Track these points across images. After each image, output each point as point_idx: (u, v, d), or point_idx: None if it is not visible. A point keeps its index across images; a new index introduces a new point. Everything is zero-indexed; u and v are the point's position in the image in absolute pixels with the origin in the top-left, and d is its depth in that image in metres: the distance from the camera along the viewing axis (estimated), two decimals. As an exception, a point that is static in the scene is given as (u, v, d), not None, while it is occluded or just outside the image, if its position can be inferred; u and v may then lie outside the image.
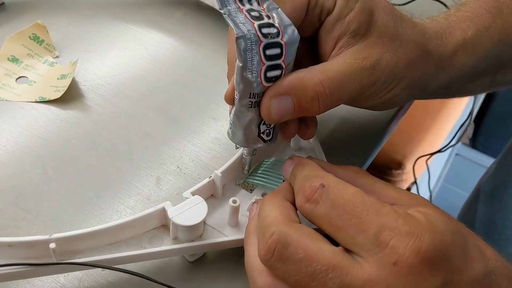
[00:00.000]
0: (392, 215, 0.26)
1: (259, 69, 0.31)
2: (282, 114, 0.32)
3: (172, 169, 0.41)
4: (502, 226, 0.40)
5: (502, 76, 0.43)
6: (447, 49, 0.38)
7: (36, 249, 0.31)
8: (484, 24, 0.39)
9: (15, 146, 0.41)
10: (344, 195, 0.27)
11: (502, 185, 0.42)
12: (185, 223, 0.32)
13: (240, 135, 0.34)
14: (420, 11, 0.59)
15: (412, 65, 0.35)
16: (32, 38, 0.49)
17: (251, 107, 0.32)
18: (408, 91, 0.37)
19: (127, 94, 0.47)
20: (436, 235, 0.25)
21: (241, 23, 0.30)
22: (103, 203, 0.38)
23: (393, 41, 0.35)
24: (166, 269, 0.35)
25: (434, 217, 0.26)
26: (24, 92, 0.46)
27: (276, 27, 0.31)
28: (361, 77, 0.33)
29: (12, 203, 0.38)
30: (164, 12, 0.56)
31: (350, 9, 0.34)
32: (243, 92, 0.32)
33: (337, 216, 0.26)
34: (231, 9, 0.31)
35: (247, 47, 0.30)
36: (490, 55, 0.39)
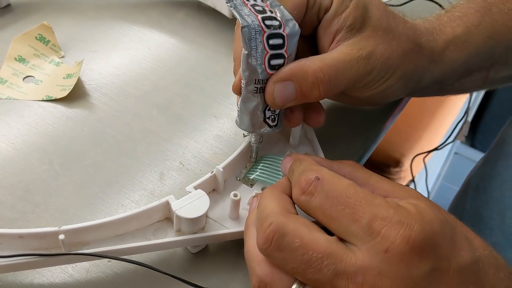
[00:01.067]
0: (384, 206, 0.27)
1: (263, 56, 0.33)
2: (285, 99, 0.35)
3: (175, 165, 0.43)
4: (487, 217, 0.41)
5: (495, 72, 0.44)
6: (438, 44, 0.40)
7: (46, 241, 0.33)
8: (473, 22, 0.41)
9: (23, 143, 0.43)
10: (338, 187, 0.28)
11: (488, 178, 0.44)
12: (188, 216, 0.34)
13: (247, 120, 0.36)
14: (417, 12, 0.61)
15: (405, 56, 0.38)
16: (38, 38, 0.51)
17: (257, 93, 0.35)
18: (402, 82, 0.39)
19: (131, 93, 0.48)
20: (425, 225, 0.26)
21: (246, 15, 0.33)
22: (108, 198, 0.40)
23: (386, 34, 0.37)
24: (170, 260, 0.36)
25: (424, 208, 0.27)
26: (31, 91, 0.47)
27: (278, 20, 0.34)
28: (358, 66, 0.36)
29: (21, 197, 0.39)
30: (166, 13, 0.58)
31: (345, 6, 0.37)
32: (248, 78, 0.34)
33: (331, 207, 0.28)
34: (237, 3, 0.34)
35: (251, 36, 0.33)
36: (481, 51, 0.41)
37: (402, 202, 0.28)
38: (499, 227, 0.39)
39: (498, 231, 0.39)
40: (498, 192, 0.41)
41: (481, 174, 0.46)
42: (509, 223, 0.39)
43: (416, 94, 0.46)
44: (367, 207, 0.27)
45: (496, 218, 0.40)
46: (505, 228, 0.39)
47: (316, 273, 0.26)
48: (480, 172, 0.47)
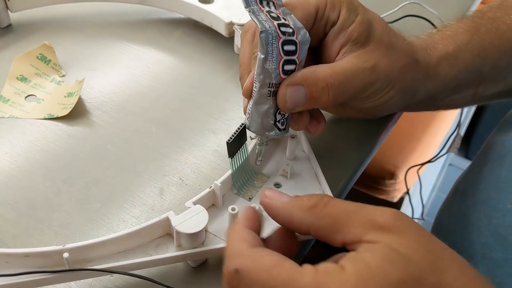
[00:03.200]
0: (310, 284, 0.25)
1: (278, 61, 0.35)
2: (296, 102, 0.37)
3: (175, 180, 0.44)
4: (475, 219, 0.42)
5: (483, 89, 0.46)
6: (432, 60, 0.42)
7: (51, 259, 0.34)
8: (463, 40, 0.43)
9: (26, 160, 0.44)
10: (259, 276, 0.26)
11: (475, 182, 0.45)
12: (188, 231, 0.35)
13: (258, 122, 0.37)
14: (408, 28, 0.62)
15: (404, 70, 0.40)
16: (40, 58, 0.52)
17: (270, 96, 0.36)
18: (401, 94, 0.42)
19: (130, 110, 0.49)
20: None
21: (263, 20, 0.35)
22: (110, 213, 0.41)
23: (388, 49, 0.40)
24: (171, 274, 0.37)
25: (373, 269, 0.24)
26: (33, 109, 0.48)
27: (292, 28, 0.36)
28: (364, 75, 0.38)
29: (24, 214, 0.40)
30: (164, 31, 0.59)
31: (352, 21, 0.39)
32: (263, 82, 0.36)
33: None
34: (254, 8, 0.36)
35: (268, 41, 0.34)
36: (470, 67, 0.43)
37: (350, 260, 0.26)
38: (487, 228, 0.40)
39: (486, 232, 0.40)
40: (484, 194, 0.42)
41: (468, 179, 0.48)
42: (496, 223, 0.39)
43: (410, 108, 0.48)
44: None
45: (483, 219, 0.41)
46: (492, 228, 0.39)
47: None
48: (467, 177, 0.48)
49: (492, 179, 0.43)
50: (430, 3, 0.62)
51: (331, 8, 0.39)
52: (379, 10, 0.62)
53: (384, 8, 0.62)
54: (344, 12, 0.39)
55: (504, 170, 0.42)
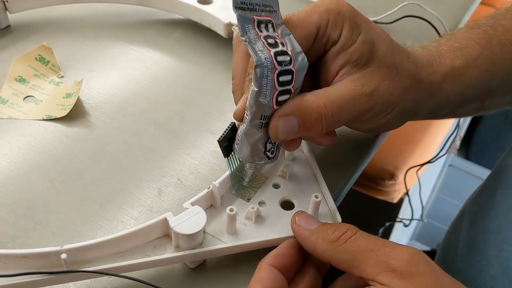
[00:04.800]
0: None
1: (272, 94, 0.34)
2: (288, 133, 0.35)
3: (173, 181, 0.44)
4: (484, 247, 0.40)
5: (490, 102, 0.44)
6: (436, 77, 0.40)
7: (49, 260, 0.34)
8: (472, 55, 0.41)
9: (24, 161, 0.44)
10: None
11: (486, 206, 0.43)
12: (186, 232, 0.35)
13: (247, 151, 0.36)
14: (408, 29, 0.63)
15: (405, 93, 0.38)
16: (38, 59, 0.52)
17: (261, 128, 0.35)
18: (401, 115, 0.39)
19: (129, 111, 0.49)
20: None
21: (259, 50, 0.33)
22: (108, 214, 0.41)
23: (390, 71, 0.37)
24: (169, 275, 0.37)
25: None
26: (31, 110, 0.48)
27: (289, 55, 0.34)
28: (361, 102, 0.36)
29: (23, 215, 0.40)
30: (163, 32, 0.59)
31: (353, 41, 0.37)
32: (255, 114, 0.34)
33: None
34: (251, 37, 0.34)
35: (263, 74, 0.33)
36: (477, 84, 0.41)
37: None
38: (496, 259, 0.39)
39: (495, 264, 0.39)
40: (496, 223, 0.41)
41: (479, 202, 0.46)
42: (507, 256, 0.38)
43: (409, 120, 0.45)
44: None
45: (493, 249, 0.39)
46: (502, 261, 0.38)
47: None
48: (478, 199, 0.46)
49: (504, 207, 0.41)
50: (430, 4, 0.62)
51: (333, 26, 0.37)
52: (378, 11, 0.62)
53: (383, 9, 0.62)
54: (346, 30, 0.37)
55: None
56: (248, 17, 0.34)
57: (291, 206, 0.40)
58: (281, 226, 0.38)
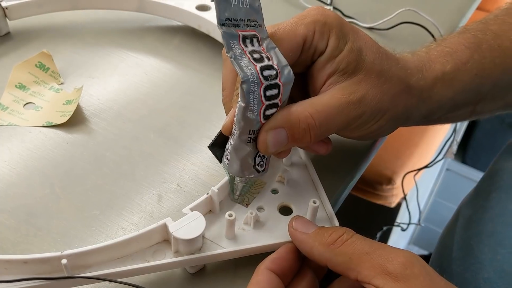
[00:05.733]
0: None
1: (259, 108, 0.34)
2: (278, 145, 0.35)
3: (173, 187, 0.44)
4: (478, 251, 0.41)
5: (482, 107, 0.44)
6: (427, 82, 0.40)
7: (49, 265, 0.34)
8: (462, 59, 0.41)
9: (25, 168, 0.44)
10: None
11: (480, 209, 0.43)
12: (185, 237, 0.35)
13: (237, 166, 0.36)
14: (404, 35, 0.63)
15: (395, 99, 0.38)
16: (38, 66, 0.52)
17: (250, 142, 0.35)
18: (392, 122, 0.40)
19: (128, 117, 0.50)
20: None
21: (245, 66, 0.33)
22: (108, 220, 0.41)
23: (378, 77, 0.37)
24: (169, 281, 0.37)
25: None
26: (31, 117, 0.49)
27: (275, 69, 0.34)
28: (348, 110, 0.36)
29: (24, 221, 0.40)
30: (162, 39, 0.59)
31: (340, 50, 0.37)
32: (243, 129, 0.34)
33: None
34: (236, 53, 0.33)
35: (250, 89, 0.33)
36: (468, 88, 0.41)
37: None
38: (490, 262, 0.39)
39: (489, 267, 0.39)
40: (490, 226, 0.41)
41: (473, 205, 0.46)
42: (501, 260, 0.38)
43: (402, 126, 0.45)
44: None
45: (487, 252, 0.40)
46: (496, 264, 0.38)
47: None
48: (473, 203, 0.47)
49: (498, 211, 0.41)
50: (426, 10, 0.62)
51: (320, 37, 0.37)
52: (375, 17, 0.63)
53: (380, 15, 0.62)
54: (333, 40, 0.37)
55: (511, 203, 0.40)
56: (233, 33, 0.34)
57: (289, 211, 0.40)
58: (280, 231, 0.38)
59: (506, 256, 0.38)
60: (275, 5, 0.66)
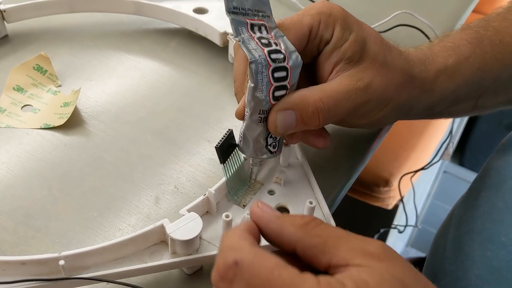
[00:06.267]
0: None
1: (268, 89, 0.35)
2: (287, 127, 0.37)
3: (170, 189, 0.44)
4: (469, 248, 0.41)
5: (483, 101, 0.45)
6: (429, 74, 0.41)
7: (47, 266, 0.34)
8: (464, 53, 0.42)
9: (23, 170, 0.44)
10: (260, 273, 0.25)
11: (471, 208, 0.44)
12: (182, 238, 0.35)
13: (250, 147, 0.38)
14: (401, 37, 0.64)
15: (399, 89, 0.40)
16: (36, 68, 0.53)
17: (260, 122, 0.37)
18: (395, 111, 0.41)
19: (126, 119, 0.50)
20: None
21: (253, 49, 0.35)
22: (106, 222, 0.41)
23: (382, 67, 0.39)
24: (166, 282, 0.38)
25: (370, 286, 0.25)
26: (29, 119, 0.49)
27: (283, 53, 0.36)
28: (356, 96, 0.38)
29: (22, 222, 0.40)
30: (159, 42, 0.60)
31: (345, 40, 0.39)
32: (253, 109, 0.36)
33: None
34: (244, 37, 0.35)
35: (258, 70, 0.34)
36: (470, 81, 0.42)
37: (347, 276, 0.26)
38: (480, 259, 0.39)
39: (480, 264, 0.39)
40: (479, 223, 0.42)
41: (465, 204, 0.47)
42: (491, 256, 0.39)
43: (406, 119, 0.47)
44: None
45: (477, 249, 0.40)
46: (486, 260, 0.39)
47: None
48: (465, 202, 0.47)
49: (487, 208, 0.42)
50: (422, 13, 0.63)
51: (325, 27, 0.39)
52: (372, 20, 0.63)
53: (376, 18, 0.63)
54: (338, 30, 0.39)
55: (499, 200, 0.41)
56: (241, 20, 0.36)
57: (286, 212, 0.40)
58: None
59: (495, 252, 0.38)
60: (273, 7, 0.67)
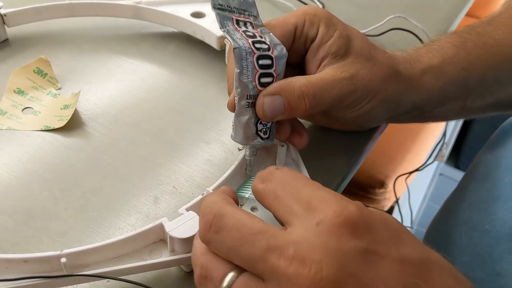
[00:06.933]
0: (327, 190, 0.28)
1: (254, 74, 0.37)
2: (274, 111, 0.38)
3: (169, 189, 0.45)
4: (456, 237, 0.43)
5: (471, 102, 0.47)
6: (415, 72, 0.43)
7: (49, 264, 0.35)
8: (449, 54, 0.44)
9: (24, 171, 0.45)
10: (291, 175, 0.29)
11: (458, 201, 0.46)
12: (181, 236, 0.36)
13: (241, 133, 0.39)
14: (394, 41, 0.65)
15: (385, 81, 0.41)
16: (36, 71, 0.53)
17: (248, 107, 0.38)
18: (384, 105, 0.43)
19: (125, 121, 0.51)
20: (363, 209, 0.27)
21: (238, 38, 0.37)
22: (106, 221, 0.42)
23: (368, 61, 0.41)
24: (165, 279, 0.38)
25: (371, 208, 0.28)
26: (30, 121, 0.50)
27: (267, 44, 0.38)
28: (341, 85, 0.40)
29: (23, 222, 0.41)
30: (158, 45, 0.61)
31: (330, 36, 0.41)
32: (241, 94, 0.38)
33: (282, 190, 0.29)
34: (229, 29, 0.37)
35: (242, 56, 0.36)
36: (456, 80, 0.44)
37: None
38: (467, 247, 0.41)
39: (466, 252, 0.41)
40: (466, 213, 0.43)
41: (454, 197, 0.48)
42: (476, 243, 0.40)
43: (398, 119, 0.48)
44: (312, 190, 0.28)
45: (464, 238, 0.42)
46: (472, 248, 0.40)
47: (248, 249, 0.26)
48: (454, 195, 0.49)
49: (474, 199, 0.44)
50: (416, 17, 0.64)
51: (310, 25, 0.41)
52: (366, 24, 0.64)
53: (370, 22, 0.64)
54: (323, 28, 0.41)
55: (485, 190, 0.43)
56: (227, 15, 0.38)
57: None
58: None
59: (479, 239, 0.40)
60: (269, 11, 0.68)
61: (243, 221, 0.27)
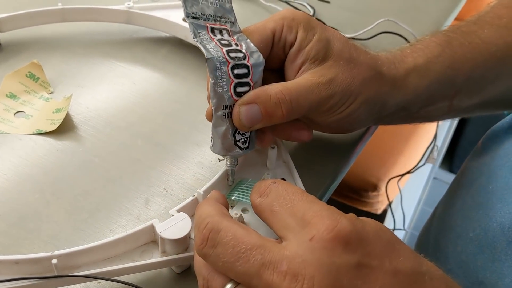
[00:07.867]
0: (321, 204, 0.29)
1: (229, 84, 0.36)
2: (252, 120, 0.38)
3: (160, 191, 0.45)
4: (443, 244, 0.43)
5: (458, 101, 0.46)
6: (399, 72, 0.43)
7: (40, 265, 0.35)
8: (434, 53, 0.44)
9: (16, 174, 0.45)
10: (288, 189, 0.30)
11: (446, 207, 0.46)
12: (172, 237, 0.36)
13: (219, 144, 0.39)
14: (384, 45, 0.65)
15: (366, 83, 0.41)
16: (28, 76, 0.54)
17: (225, 118, 0.38)
18: (366, 107, 0.42)
19: (117, 124, 0.51)
20: (356, 223, 0.27)
21: (211, 48, 0.36)
22: (97, 223, 0.42)
23: (347, 63, 0.40)
24: (156, 280, 0.39)
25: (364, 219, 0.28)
26: (22, 125, 0.50)
27: (243, 53, 0.37)
28: (319, 90, 0.39)
29: (15, 224, 0.41)
30: (150, 49, 0.61)
31: (309, 41, 0.40)
32: (217, 105, 0.37)
33: (278, 203, 0.30)
34: (203, 38, 0.37)
35: (215, 66, 0.36)
36: (442, 79, 0.44)
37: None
38: (452, 254, 0.41)
39: (451, 259, 0.41)
40: (452, 220, 0.43)
41: (443, 203, 0.49)
42: (460, 251, 0.40)
43: (384, 121, 0.48)
44: (306, 204, 0.29)
45: (449, 245, 0.42)
46: (456, 255, 0.40)
47: (244, 264, 0.27)
48: (443, 201, 0.49)
49: (460, 206, 0.44)
50: (405, 20, 0.65)
51: (288, 30, 0.40)
52: (356, 27, 0.65)
53: (360, 26, 0.64)
54: (301, 32, 0.40)
55: (470, 198, 0.42)
56: (201, 24, 0.37)
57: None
58: (263, 232, 0.39)
59: (463, 247, 0.40)
60: (259, 13, 0.68)
61: (238, 236, 0.28)
